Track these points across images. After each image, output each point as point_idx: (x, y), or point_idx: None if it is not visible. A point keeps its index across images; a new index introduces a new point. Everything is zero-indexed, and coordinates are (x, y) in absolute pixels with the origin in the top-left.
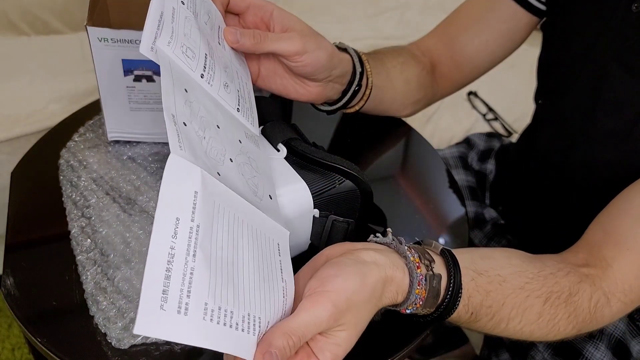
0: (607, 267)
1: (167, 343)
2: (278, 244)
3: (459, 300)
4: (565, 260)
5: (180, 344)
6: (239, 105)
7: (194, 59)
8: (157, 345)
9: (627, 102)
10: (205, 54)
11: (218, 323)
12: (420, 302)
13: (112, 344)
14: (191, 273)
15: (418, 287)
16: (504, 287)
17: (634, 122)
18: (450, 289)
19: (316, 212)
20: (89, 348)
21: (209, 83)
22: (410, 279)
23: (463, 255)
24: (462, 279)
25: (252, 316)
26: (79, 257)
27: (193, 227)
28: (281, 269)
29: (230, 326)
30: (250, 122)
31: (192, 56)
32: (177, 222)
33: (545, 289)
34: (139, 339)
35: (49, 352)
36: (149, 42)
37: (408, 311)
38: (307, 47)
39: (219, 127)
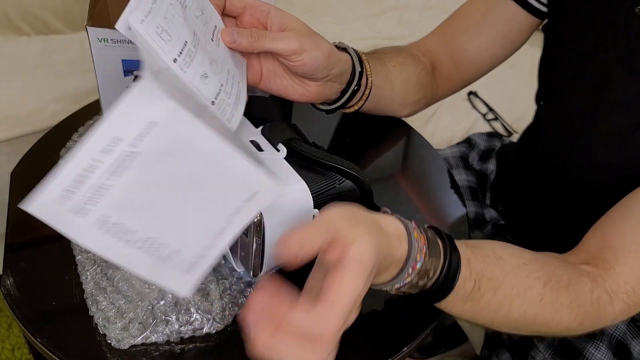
0: (609, 268)
1: (167, 343)
2: (253, 193)
3: (460, 259)
4: (564, 258)
5: (180, 344)
6: (215, 99)
7: (169, 42)
8: (157, 345)
9: (629, 104)
10: (186, 42)
11: (113, 236)
12: (424, 248)
13: (112, 344)
14: (105, 189)
15: (416, 232)
16: (502, 264)
17: (635, 125)
18: (449, 246)
19: (316, 212)
20: (88, 348)
21: (182, 69)
22: (406, 228)
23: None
24: (459, 247)
25: (161, 242)
26: (78, 257)
27: (132, 152)
28: (235, 213)
29: (127, 242)
30: (226, 118)
31: (168, 39)
32: (115, 141)
33: (543, 272)
34: (139, 339)
35: (49, 352)
36: (126, 21)
37: (413, 269)
38: (304, 46)
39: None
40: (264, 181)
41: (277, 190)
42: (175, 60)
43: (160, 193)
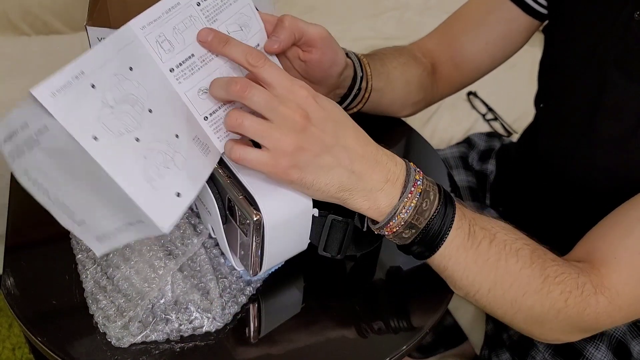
0: (595, 268)
1: (167, 341)
2: (138, 220)
3: (452, 196)
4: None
5: (180, 343)
6: (209, 115)
7: (169, 52)
8: (157, 343)
9: (627, 108)
10: (192, 55)
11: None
12: (421, 172)
13: (112, 342)
14: (24, 152)
15: (412, 163)
16: (492, 221)
17: (633, 129)
18: (442, 189)
19: (315, 212)
20: (89, 347)
21: (177, 79)
22: (403, 158)
23: None
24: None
25: (71, 209)
26: (78, 256)
27: (35, 139)
28: (120, 230)
29: (48, 198)
30: (218, 137)
31: (169, 49)
32: (25, 125)
33: (531, 242)
34: (139, 337)
35: (49, 352)
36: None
37: (415, 187)
38: (330, 37)
39: (150, 111)
40: (149, 217)
41: (163, 230)
42: (172, 70)
43: (64, 174)
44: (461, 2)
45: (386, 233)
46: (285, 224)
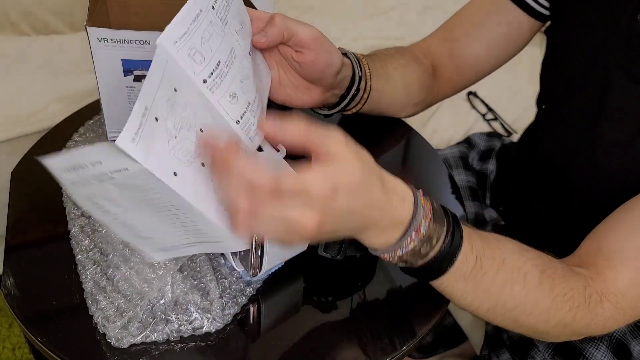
0: (599, 272)
1: (167, 342)
2: (217, 241)
3: (462, 233)
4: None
5: (180, 343)
6: (240, 118)
7: (200, 64)
8: (157, 344)
9: (630, 111)
10: (219, 62)
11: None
12: (429, 214)
13: (112, 343)
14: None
15: (423, 198)
16: (502, 247)
17: (637, 132)
18: (452, 218)
19: None
20: (89, 347)
21: (210, 89)
22: (413, 193)
23: None
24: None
25: (139, 230)
26: (78, 257)
27: (110, 177)
28: (193, 244)
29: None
30: (250, 137)
31: (200, 61)
32: (97, 163)
33: (541, 260)
34: (139, 338)
35: (49, 352)
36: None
37: (417, 234)
38: (323, 38)
39: (201, 131)
40: (227, 237)
41: (244, 247)
42: (204, 81)
43: (136, 203)
44: (462, 2)
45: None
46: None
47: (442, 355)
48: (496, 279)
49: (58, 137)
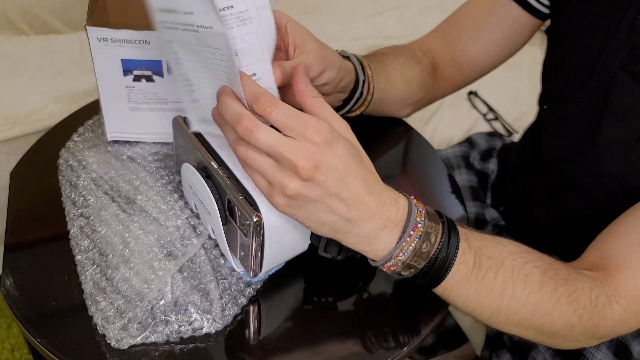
0: (609, 275)
1: (167, 343)
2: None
3: (458, 231)
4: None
5: (180, 344)
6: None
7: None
8: (157, 345)
9: (634, 111)
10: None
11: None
12: (423, 212)
13: (111, 344)
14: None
15: (415, 200)
16: (500, 247)
17: None
18: (445, 218)
19: None
20: (88, 348)
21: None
22: (405, 196)
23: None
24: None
25: (192, 86)
26: (78, 257)
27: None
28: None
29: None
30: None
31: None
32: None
33: (542, 262)
34: (138, 339)
35: (49, 352)
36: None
37: (414, 231)
38: (324, 67)
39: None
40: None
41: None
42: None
43: (202, 58)
44: (462, 0)
45: (384, 270)
46: (286, 225)
47: (442, 356)
48: (497, 279)
49: (57, 137)
